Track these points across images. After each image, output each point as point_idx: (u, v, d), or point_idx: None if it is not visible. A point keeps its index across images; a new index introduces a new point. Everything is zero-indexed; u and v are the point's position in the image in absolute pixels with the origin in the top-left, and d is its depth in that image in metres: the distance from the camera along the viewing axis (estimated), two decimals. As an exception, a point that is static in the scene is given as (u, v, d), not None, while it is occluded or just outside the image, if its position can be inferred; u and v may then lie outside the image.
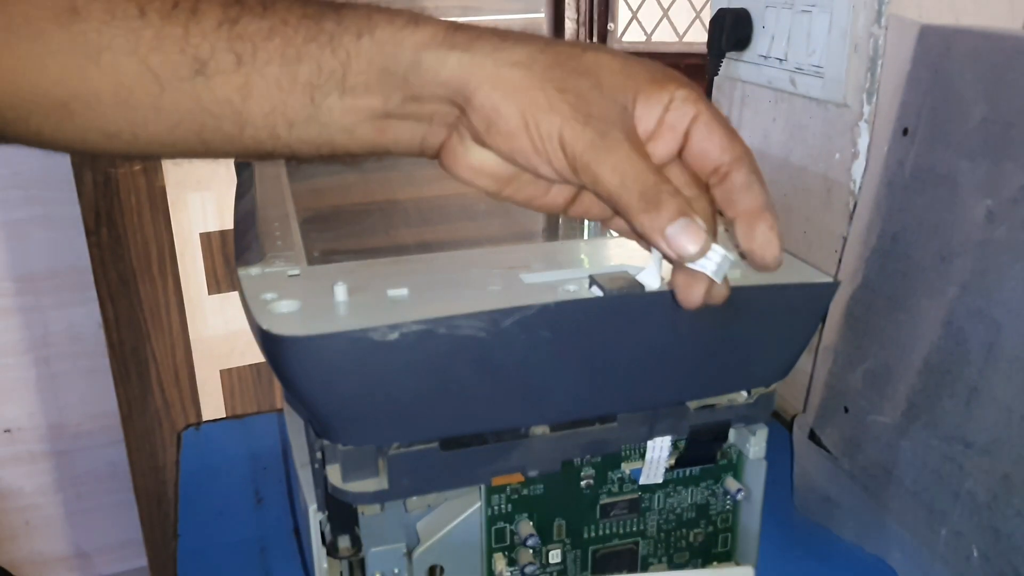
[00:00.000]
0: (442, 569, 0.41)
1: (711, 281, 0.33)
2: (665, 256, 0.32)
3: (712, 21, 0.73)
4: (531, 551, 0.41)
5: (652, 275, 0.37)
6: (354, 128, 0.34)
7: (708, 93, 0.74)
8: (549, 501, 0.41)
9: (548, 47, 0.32)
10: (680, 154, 0.34)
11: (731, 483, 0.44)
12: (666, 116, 0.33)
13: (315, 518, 0.40)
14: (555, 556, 0.42)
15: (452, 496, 0.41)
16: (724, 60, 0.74)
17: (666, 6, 1.66)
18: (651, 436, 0.41)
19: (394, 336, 0.32)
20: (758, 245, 0.33)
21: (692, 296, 0.33)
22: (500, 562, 0.41)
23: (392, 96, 0.33)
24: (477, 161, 0.34)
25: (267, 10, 0.32)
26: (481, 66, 0.32)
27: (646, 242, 0.35)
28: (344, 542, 0.40)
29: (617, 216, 0.35)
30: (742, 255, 0.34)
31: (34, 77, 0.31)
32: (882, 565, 0.53)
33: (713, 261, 0.32)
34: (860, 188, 0.58)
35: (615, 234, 0.39)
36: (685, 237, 0.31)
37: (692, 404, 0.41)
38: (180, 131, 0.33)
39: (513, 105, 0.32)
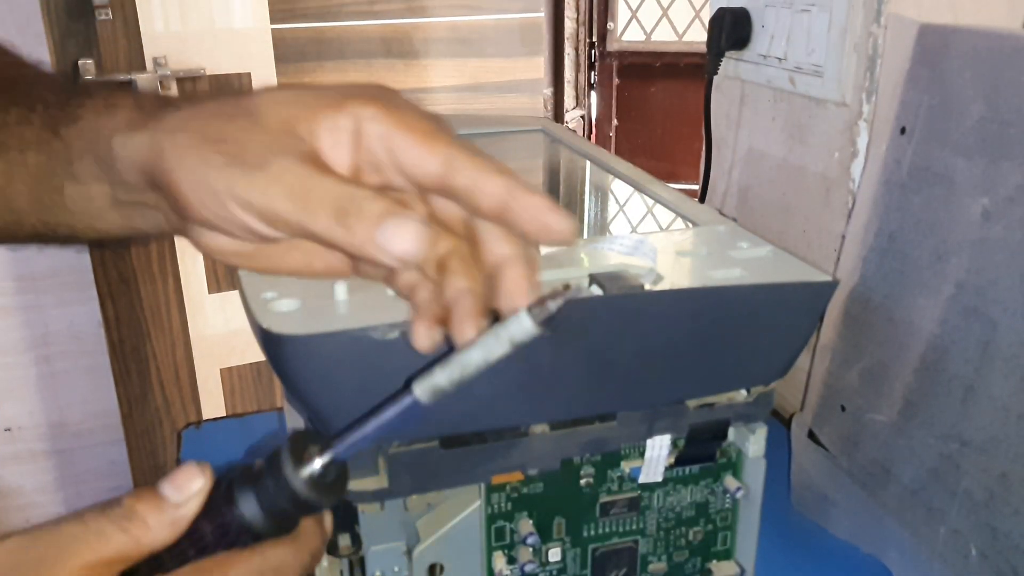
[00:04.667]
0: (442, 567, 0.41)
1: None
2: (391, 265, 0.28)
3: (711, 20, 0.74)
4: (531, 549, 0.42)
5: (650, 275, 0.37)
6: (102, 215, 0.33)
7: (707, 92, 0.75)
8: (549, 499, 0.42)
9: (216, 102, 0.30)
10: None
11: (730, 481, 0.44)
12: (363, 141, 0.30)
13: (315, 516, 0.40)
14: (555, 554, 0.43)
15: (452, 494, 0.41)
16: (723, 59, 0.74)
17: (665, 5, 1.66)
18: (651, 435, 0.41)
19: (394, 335, 0.32)
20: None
21: (423, 342, 0.31)
22: (500, 560, 0.41)
23: (115, 184, 0.32)
24: (208, 239, 0.32)
25: (30, 98, 0.32)
26: (158, 143, 0.30)
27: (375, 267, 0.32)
28: (344, 540, 0.40)
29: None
30: None
31: None
32: (877, 565, 0.53)
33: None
34: (859, 187, 0.58)
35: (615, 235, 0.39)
36: (399, 237, 0.27)
37: (691, 403, 0.41)
38: None
39: (181, 172, 0.29)
